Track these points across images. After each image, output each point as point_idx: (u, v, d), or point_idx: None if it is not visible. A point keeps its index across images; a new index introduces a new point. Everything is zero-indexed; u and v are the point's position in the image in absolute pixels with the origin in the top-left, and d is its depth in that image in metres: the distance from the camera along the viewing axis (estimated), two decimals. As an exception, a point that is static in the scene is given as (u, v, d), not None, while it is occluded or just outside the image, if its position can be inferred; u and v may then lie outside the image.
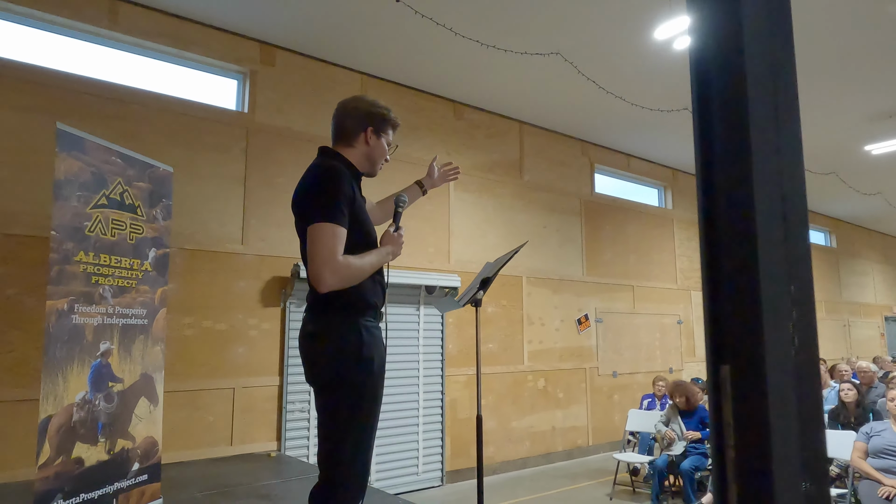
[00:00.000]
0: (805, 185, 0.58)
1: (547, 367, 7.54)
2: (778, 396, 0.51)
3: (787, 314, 0.54)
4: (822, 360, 9.63)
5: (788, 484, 0.50)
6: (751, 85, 0.56)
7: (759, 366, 0.52)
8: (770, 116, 0.57)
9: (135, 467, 3.27)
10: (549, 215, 7.90)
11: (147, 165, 3.51)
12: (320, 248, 1.85)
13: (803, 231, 0.55)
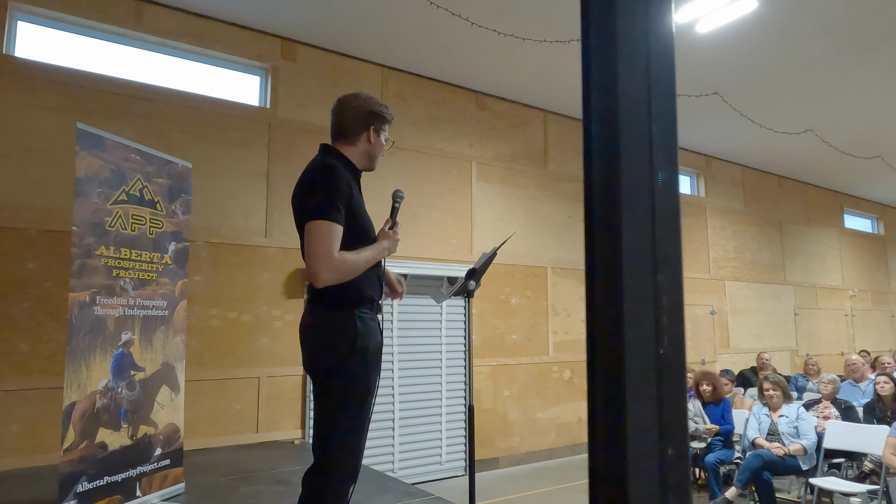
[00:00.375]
0: (677, 194, 0.57)
1: (573, 359, 7.48)
2: (636, 386, 0.51)
3: (650, 302, 0.54)
4: (865, 352, 9.27)
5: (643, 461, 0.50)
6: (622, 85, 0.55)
7: (620, 358, 0.52)
8: (644, 113, 0.56)
9: (157, 452, 3.41)
10: (575, 205, 7.80)
11: (166, 162, 3.63)
12: (317, 245, 1.89)
13: (672, 232, 0.54)
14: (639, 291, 0.53)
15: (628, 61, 0.61)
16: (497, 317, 6.87)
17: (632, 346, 0.51)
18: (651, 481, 0.47)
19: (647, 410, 0.49)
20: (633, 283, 0.53)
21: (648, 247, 0.53)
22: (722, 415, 5.41)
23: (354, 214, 2.02)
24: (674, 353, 0.52)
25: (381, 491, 3.62)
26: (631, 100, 0.55)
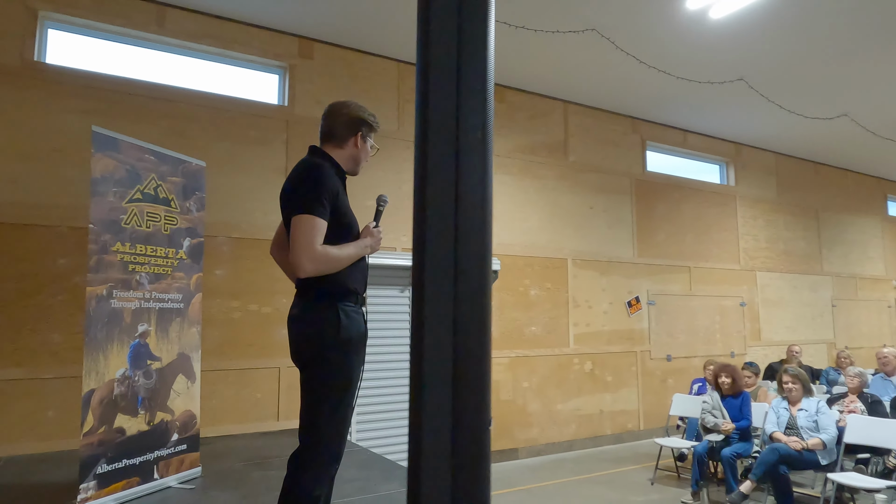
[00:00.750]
0: (488, 212, 0.62)
1: (594, 350, 7.45)
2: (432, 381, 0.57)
3: (447, 302, 0.59)
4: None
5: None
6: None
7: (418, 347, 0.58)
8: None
9: (174, 438, 3.59)
10: (596, 196, 7.74)
11: (180, 161, 3.78)
12: (300, 237, 1.99)
13: (479, 238, 0.59)
14: (440, 266, 0.58)
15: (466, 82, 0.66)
16: (516, 309, 6.89)
17: (430, 328, 0.56)
18: (442, 456, 0.52)
19: (441, 389, 0.54)
20: (434, 260, 0.58)
21: (451, 234, 0.58)
22: (740, 408, 5.32)
23: (340, 212, 2.11)
24: (474, 336, 0.57)
25: (386, 478, 3.72)
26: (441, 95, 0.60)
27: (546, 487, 5.63)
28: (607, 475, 6.05)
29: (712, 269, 8.79)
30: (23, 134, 4.63)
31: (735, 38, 5.92)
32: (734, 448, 4.95)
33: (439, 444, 0.54)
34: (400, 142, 6.37)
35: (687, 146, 8.85)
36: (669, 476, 5.90)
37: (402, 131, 6.39)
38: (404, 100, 6.45)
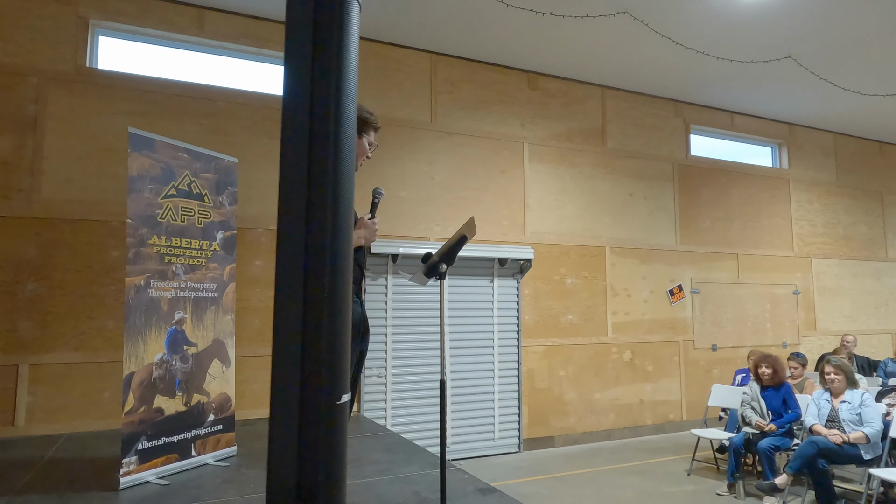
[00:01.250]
0: (348, 212, 0.68)
1: (633, 340, 7.34)
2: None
3: (298, 289, 0.66)
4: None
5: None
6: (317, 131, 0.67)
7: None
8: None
9: (210, 418, 3.83)
10: (635, 183, 7.58)
11: (212, 158, 3.99)
12: None
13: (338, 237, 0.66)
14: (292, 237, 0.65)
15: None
16: (552, 297, 6.87)
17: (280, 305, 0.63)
18: (291, 423, 0.59)
19: (291, 364, 0.61)
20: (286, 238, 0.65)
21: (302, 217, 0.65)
22: (783, 399, 5.15)
23: None
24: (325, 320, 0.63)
25: (409, 461, 3.84)
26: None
27: (579, 475, 5.63)
28: (644, 465, 5.99)
29: (762, 256, 8.46)
30: (77, 136, 4.98)
31: (778, 15, 5.65)
32: (772, 440, 4.81)
33: (288, 412, 0.61)
34: (432, 133, 6.44)
35: (735, 128, 8.52)
36: (708, 468, 5.78)
37: (434, 123, 6.46)
38: (437, 91, 6.51)
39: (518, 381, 6.56)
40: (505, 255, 6.43)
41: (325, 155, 0.65)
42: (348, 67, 0.69)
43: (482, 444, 6.30)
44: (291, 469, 0.60)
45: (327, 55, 0.64)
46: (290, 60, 0.64)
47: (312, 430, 0.60)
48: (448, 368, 6.21)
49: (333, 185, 0.67)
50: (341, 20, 0.62)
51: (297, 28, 0.62)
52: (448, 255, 2.27)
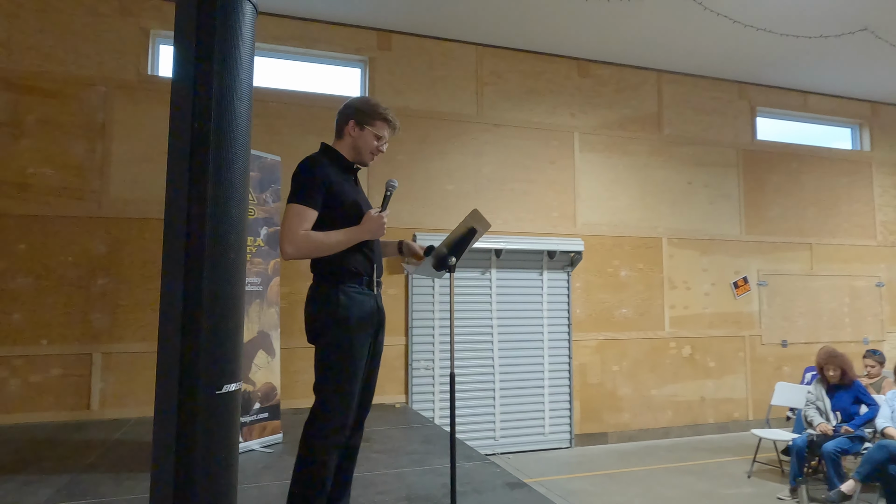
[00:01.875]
0: (242, 213, 0.70)
1: (693, 334, 7.03)
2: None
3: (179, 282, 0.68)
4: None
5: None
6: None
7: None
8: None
9: (256, 406, 4.00)
10: (695, 170, 7.24)
11: (256, 157, 4.15)
12: (284, 223, 2.19)
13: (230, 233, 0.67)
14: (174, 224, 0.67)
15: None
16: (604, 290, 6.70)
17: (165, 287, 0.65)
18: (171, 409, 0.61)
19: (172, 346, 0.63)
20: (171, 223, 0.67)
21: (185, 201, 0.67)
22: (855, 397, 4.79)
23: (338, 200, 2.23)
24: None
25: (444, 452, 3.86)
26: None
27: (630, 473, 5.47)
28: (701, 465, 5.74)
29: (839, 246, 7.87)
30: (141, 140, 5.31)
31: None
32: (838, 443, 4.49)
33: (168, 402, 0.63)
34: (479, 125, 6.40)
35: (808, 109, 7.95)
36: (772, 471, 5.47)
37: (481, 115, 6.42)
38: (483, 83, 6.47)
39: (569, 376, 6.45)
40: (554, 247, 6.32)
41: (206, 142, 0.67)
42: (235, 59, 0.70)
43: (532, 438, 6.24)
44: (170, 459, 0.63)
45: (210, 47, 0.66)
46: (177, 51, 0.67)
47: (190, 418, 0.62)
48: (496, 362, 6.19)
49: (215, 172, 0.68)
50: (226, 16, 0.63)
51: (183, 21, 0.64)
52: (457, 247, 2.25)
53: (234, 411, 0.70)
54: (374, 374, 2.40)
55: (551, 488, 5.02)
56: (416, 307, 6.00)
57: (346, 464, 2.37)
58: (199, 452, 0.60)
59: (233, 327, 0.63)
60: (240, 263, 0.62)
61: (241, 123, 0.65)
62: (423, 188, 6.13)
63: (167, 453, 0.59)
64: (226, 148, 0.64)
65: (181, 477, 0.60)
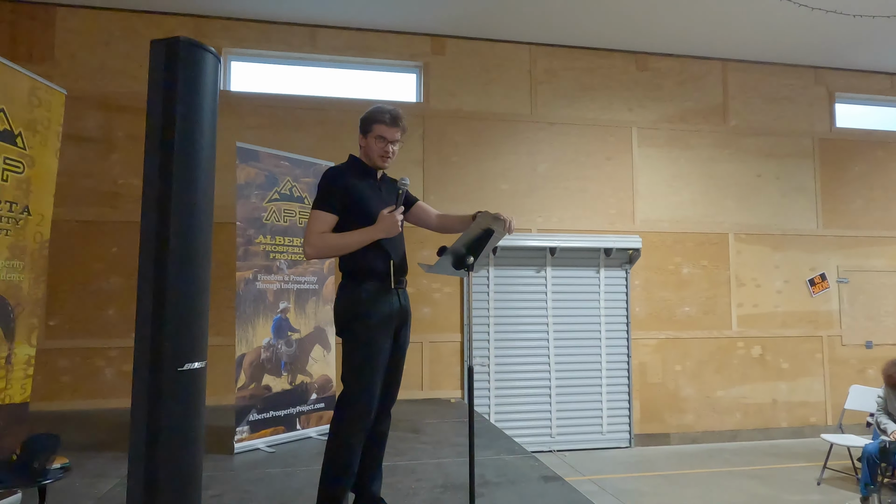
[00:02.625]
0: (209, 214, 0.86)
1: (764, 334, 6.73)
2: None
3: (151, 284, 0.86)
4: None
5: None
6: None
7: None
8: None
9: (313, 397, 4.29)
10: (764, 162, 6.91)
11: (311, 164, 4.44)
12: (306, 227, 2.42)
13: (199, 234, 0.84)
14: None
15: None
16: (665, 288, 6.55)
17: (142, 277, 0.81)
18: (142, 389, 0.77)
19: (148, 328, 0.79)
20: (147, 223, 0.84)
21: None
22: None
23: (355, 203, 2.41)
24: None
25: (488, 446, 3.98)
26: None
27: (689, 475, 5.35)
28: (768, 470, 5.51)
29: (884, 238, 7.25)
30: (217, 148, 5.76)
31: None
32: (913, 451, 4.20)
33: (141, 376, 0.80)
34: (533, 124, 6.44)
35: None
36: (845, 478, 5.18)
37: (535, 114, 6.46)
38: (537, 81, 6.49)
39: (628, 375, 6.36)
40: (610, 244, 6.25)
41: (169, 156, 0.83)
42: (199, 100, 0.86)
43: (590, 436, 6.21)
44: (142, 432, 0.79)
45: (175, 96, 0.82)
46: (151, 99, 0.83)
47: (157, 391, 0.79)
48: (552, 360, 6.21)
49: (183, 176, 0.85)
50: (191, 66, 0.79)
51: (156, 73, 0.81)
52: (475, 247, 2.36)
53: (199, 385, 0.84)
54: (399, 366, 2.55)
55: (604, 486, 5.01)
56: (473, 305, 6.12)
57: (375, 448, 2.54)
58: (165, 420, 0.74)
59: (196, 315, 0.76)
60: (205, 251, 0.75)
61: (202, 151, 0.79)
62: (477, 189, 6.26)
63: (141, 419, 0.75)
64: (187, 171, 0.78)
65: (152, 440, 0.74)
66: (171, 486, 0.81)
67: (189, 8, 5.76)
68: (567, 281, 6.33)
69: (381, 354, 2.38)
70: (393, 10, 5.82)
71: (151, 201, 0.75)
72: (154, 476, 0.79)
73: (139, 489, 0.79)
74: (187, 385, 0.83)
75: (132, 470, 0.88)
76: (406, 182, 2.51)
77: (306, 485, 3.12)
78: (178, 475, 0.80)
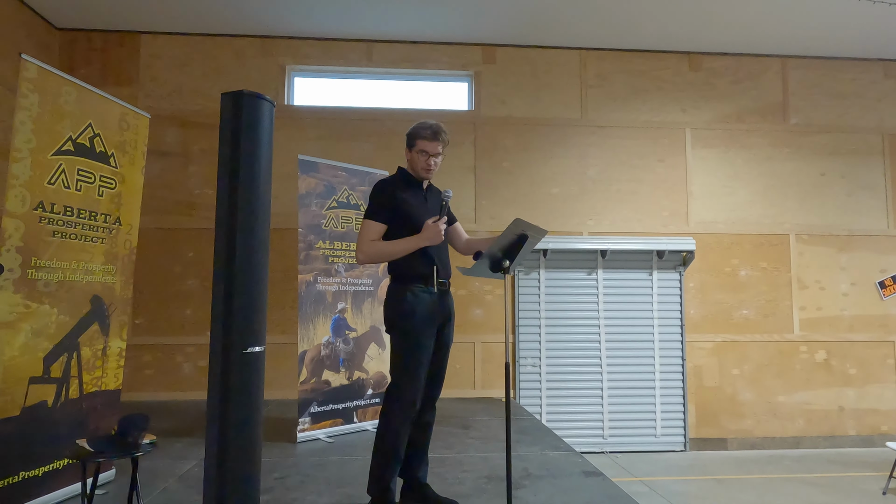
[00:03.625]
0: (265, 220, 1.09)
1: (829, 338, 6.50)
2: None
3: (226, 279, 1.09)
4: None
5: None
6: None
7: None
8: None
9: (369, 392, 4.56)
10: (828, 160, 6.68)
11: (366, 173, 4.72)
12: (359, 235, 2.65)
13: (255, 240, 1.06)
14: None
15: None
16: (722, 290, 6.45)
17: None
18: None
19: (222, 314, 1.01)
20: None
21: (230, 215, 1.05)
22: None
23: (400, 212, 2.63)
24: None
25: (534, 442, 4.11)
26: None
27: (744, 480, 5.28)
28: (830, 478, 5.35)
29: None
30: (281, 161, 6.15)
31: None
32: (985, 461, 4.01)
33: (215, 356, 1.02)
34: (584, 128, 6.51)
35: (978, 83, 6.94)
36: (915, 489, 4.97)
37: (585, 118, 6.52)
38: (587, 86, 6.56)
39: (682, 378, 6.31)
40: (662, 247, 6.23)
41: (236, 186, 1.05)
42: (258, 141, 1.09)
43: (643, 439, 6.21)
44: (216, 398, 1.01)
45: (240, 138, 1.05)
46: (222, 140, 1.06)
47: (229, 369, 1.01)
48: (604, 361, 6.25)
49: (245, 208, 1.08)
50: (251, 112, 1.02)
51: (226, 119, 1.04)
52: (510, 251, 2.53)
53: (259, 364, 1.03)
54: (443, 361, 2.76)
55: (655, 488, 5.03)
56: (522, 307, 6.26)
57: (421, 436, 2.76)
58: (234, 393, 0.95)
59: (257, 308, 0.95)
60: (263, 261, 0.93)
61: (260, 183, 1.00)
62: (527, 193, 6.39)
63: (216, 388, 0.97)
64: (249, 197, 0.98)
65: (223, 409, 0.95)
66: (238, 441, 1.02)
67: (256, 29, 6.20)
68: (619, 283, 6.36)
69: (425, 350, 2.59)
70: (445, 22, 6.06)
71: (223, 224, 0.97)
72: (226, 432, 1.01)
73: (214, 440, 1.01)
74: (250, 364, 1.04)
75: (209, 427, 1.11)
76: (449, 194, 2.72)
77: (361, 472, 3.37)
78: (244, 432, 1.01)
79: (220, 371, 0.97)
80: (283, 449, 3.93)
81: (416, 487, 2.78)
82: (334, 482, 3.24)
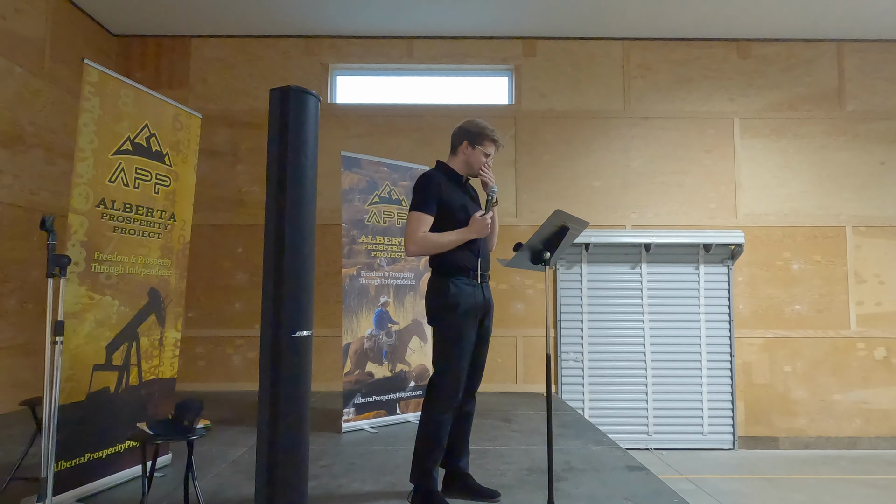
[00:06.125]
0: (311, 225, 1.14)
1: (889, 334, 6.21)
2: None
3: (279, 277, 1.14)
4: None
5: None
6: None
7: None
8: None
9: (411, 384, 4.62)
10: (888, 148, 6.37)
11: (407, 168, 4.78)
12: (408, 227, 2.67)
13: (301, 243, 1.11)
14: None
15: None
16: (772, 285, 6.25)
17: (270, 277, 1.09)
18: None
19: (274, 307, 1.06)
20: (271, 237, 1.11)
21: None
22: None
23: (447, 206, 2.66)
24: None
25: (575, 436, 4.09)
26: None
27: (796, 480, 5.11)
28: (888, 480, 5.13)
29: None
30: (324, 158, 6.29)
31: None
32: None
33: (267, 340, 1.08)
34: (626, 119, 6.41)
35: None
36: (983, 493, 4.71)
37: (628, 110, 6.42)
38: (630, 76, 6.45)
39: (731, 375, 6.15)
40: (710, 240, 6.08)
41: (283, 181, 1.11)
42: (305, 133, 1.14)
43: (689, 437, 6.08)
44: (266, 379, 1.07)
45: (287, 129, 1.10)
46: (270, 132, 1.11)
47: (279, 351, 1.06)
48: (648, 357, 6.15)
49: (293, 196, 1.13)
50: (298, 106, 1.07)
51: (274, 112, 1.09)
52: (551, 243, 2.53)
53: (306, 347, 1.08)
54: (483, 352, 2.79)
55: (701, 486, 4.93)
56: (564, 301, 6.22)
57: (462, 426, 2.79)
58: (283, 372, 1.00)
59: (305, 294, 0.99)
60: (310, 252, 0.98)
61: (306, 172, 1.04)
62: (569, 186, 6.34)
63: (267, 369, 1.03)
64: (297, 187, 1.03)
65: (273, 387, 1.00)
66: (287, 420, 1.08)
67: (300, 30, 6.34)
68: (664, 277, 6.24)
69: (466, 341, 2.62)
70: (485, 16, 6.06)
71: (272, 213, 1.02)
72: (276, 409, 1.06)
73: (265, 420, 1.06)
74: (298, 347, 1.09)
75: (261, 407, 1.17)
76: (496, 189, 2.74)
77: (404, 461, 3.43)
78: (293, 411, 1.06)
79: (270, 353, 1.02)
80: (328, 438, 4.03)
81: (457, 476, 2.82)
82: (378, 471, 3.31)
